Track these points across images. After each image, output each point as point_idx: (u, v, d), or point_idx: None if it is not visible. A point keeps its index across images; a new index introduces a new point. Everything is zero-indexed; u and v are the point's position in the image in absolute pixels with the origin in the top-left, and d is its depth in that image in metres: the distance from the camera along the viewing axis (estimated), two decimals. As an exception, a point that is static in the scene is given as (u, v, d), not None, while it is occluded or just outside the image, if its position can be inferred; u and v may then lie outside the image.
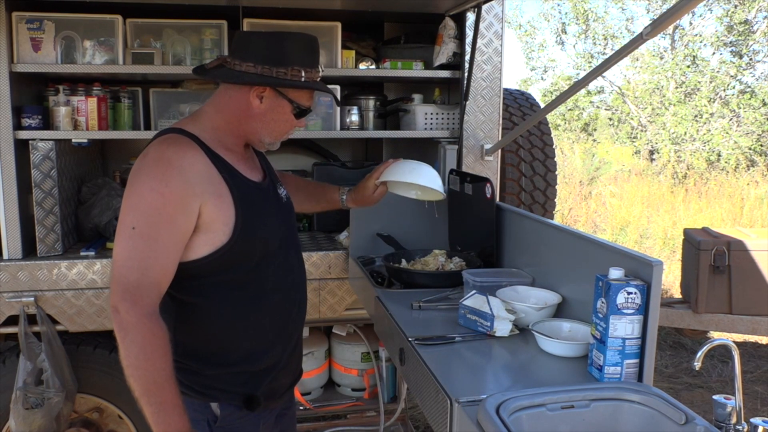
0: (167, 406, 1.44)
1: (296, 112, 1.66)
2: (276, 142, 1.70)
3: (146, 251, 1.45)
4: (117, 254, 1.46)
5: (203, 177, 1.53)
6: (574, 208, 9.17)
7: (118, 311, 1.43)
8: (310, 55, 1.64)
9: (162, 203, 1.46)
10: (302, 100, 1.66)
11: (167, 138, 1.58)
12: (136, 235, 1.45)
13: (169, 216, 1.47)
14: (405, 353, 1.69)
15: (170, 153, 1.52)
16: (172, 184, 1.48)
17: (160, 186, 1.47)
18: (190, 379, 1.62)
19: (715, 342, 1.39)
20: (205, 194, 1.52)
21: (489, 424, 1.17)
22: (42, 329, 2.47)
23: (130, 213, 1.47)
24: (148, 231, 1.46)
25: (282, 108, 1.64)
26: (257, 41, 1.63)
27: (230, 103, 1.63)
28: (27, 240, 2.55)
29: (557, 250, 1.89)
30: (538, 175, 3.41)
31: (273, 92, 1.62)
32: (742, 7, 12.07)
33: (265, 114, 1.63)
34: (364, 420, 3.29)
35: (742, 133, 11.78)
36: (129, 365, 1.43)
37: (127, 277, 1.44)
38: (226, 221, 1.55)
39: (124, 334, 1.42)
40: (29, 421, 2.44)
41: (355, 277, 2.51)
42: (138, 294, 1.43)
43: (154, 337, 1.43)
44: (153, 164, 1.51)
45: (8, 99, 2.46)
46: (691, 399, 4.17)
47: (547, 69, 14.94)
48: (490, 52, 2.84)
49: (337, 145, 3.58)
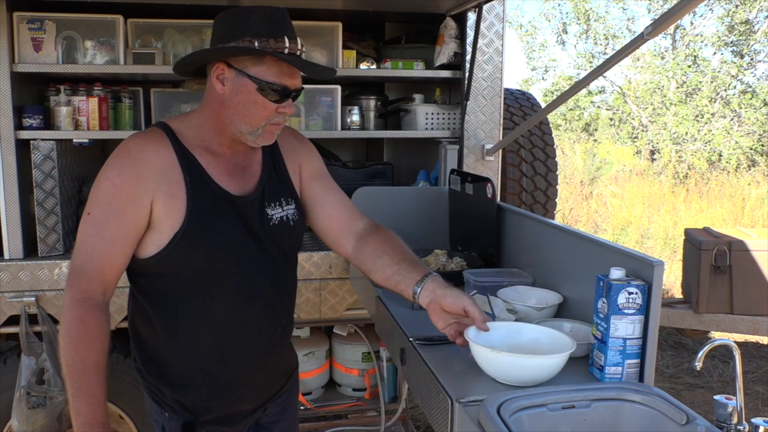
0: (84, 393, 1.42)
1: (266, 92, 1.47)
2: (255, 131, 1.51)
3: (94, 237, 1.46)
4: (78, 235, 1.49)
5: (159, 173, 1.47)
6: (575, 208, 9.17)
7: (65, 297, 1.45)
8: (270, 25, 1.46)
9: (113, 193, 1.45)
10: (266, 74, 1.46)
11: (143, 131, 1.57)
12: (89, 221, 1.47)
13: (119, 206, 1.45)
14: (406, 353, 1.69)
15: (132, 145, 1.50)
16: (124, 175, 1.46)
17: (113, 175, 1.47)
18: (146, 383, 1.63)
19: (716, 342, 1.38)
20: (158, 191, 1.46)
21: (490, 424, 1.17)
22: (43, 329, 2.48)
23: (90, 199, 1.49)
24: (99, 218, 1.46)
25: (245, 87, 1.47)
26: (218, 21, 1.52)
27: (208, 95, 1.54)
28: (28, 240, 2.55)
29: (558, 250, 1.89)
30: (539, 175, 3.41)
31: (232, 71, 1.48)
32: (743, 6, 12.06)
33: (231, 98, 1.49)
34: (365, 420, 3.29)
35: (743, 133, 11.78)
36: (60, 346, 1.45)
37: (75, 261, 1.46)
38: (173, 225, 1.47)
39: (62, 314, 1.45)
40: (32, 420, 2.45)
41: (356, 277, 2.51)
42: (78, 278, 1.45)
43: (82, 324, 1.42)
44: (116, 155, 1.49)
45: (9, 99, 2.46)
46: (692, 399, 4.17)
47: (548, 69, 14.95)
48: (491, 52, 2.84)
49: (338, 145, 3.58)
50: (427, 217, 2.67)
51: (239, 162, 1.60)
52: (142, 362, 1.62)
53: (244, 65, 1.47)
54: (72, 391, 1.43)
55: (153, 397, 1.62)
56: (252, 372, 1.65)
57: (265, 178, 1.63)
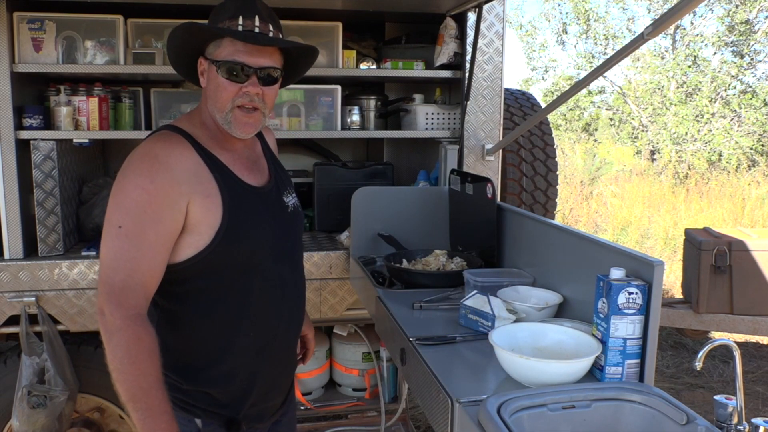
0: (154, 412, 1.37)
1: (223, 72, 1.47)
2: (226, 116, 1.50)
3: (132, 251, 1.38)
4: (103, 255, 1.40)
5: (191, 175, 1.45)
6: (575, 208, 9.17)
7: (104, 314, 1.36)
8: (233, 10, 1.48)
9: (147, 201, 1.39)
10: (222, 54, 1.48)
11: (158, 134, 1.52)
12: (123, 235, 1.38)
13: (155, 214, 1.40)
14: (406, 353, 1.69)
15: (158, 149, 1.45)
16: (158, 181, 1.40)
17: (145, 183, 1.40)
18: (174, 394, 1.52)
19: (716, 342, 1.38)
20: (193, 193, 1.44)
21: (490, 424, 1.17)
22: (43, 329, 2.48)
23: (117, 211, 1.40)
24: (134, 230, 1.39)
25: (212, 72, 1.50)
26: None
27: (203, 93, 1.56)
28: (28, 240, 2.55)
29: (558, 250, 1.89)
30: (539, 175, 3.41)
31: (206, 62, 1.52)
32: (743, 7, 12.06)
33: (207, 89, 1.52)
34: (365, 420, 3.29)
35: (743, 133, 11.78)
36: (114, 369, 1.36)
37: (113, 279, 1.37)
38: (212, 223, 1.47)
39: (110, 336, 1.35)
40: (33, 420, 2.45)
41: (356, 277, 2.51)
42: (123, 296, 1.36)
43: (139, 341, 1.36)
44: (140, 161, 1.44)
45: (9, 99, 2.46)
46: (692, 399, 4.17)
47: (548, 69, 14.95)
48: (491, 52, 2.84)
49: (338, 145, 3.58)
50: (427, 217, 2.67)
51: (249, 155, 1.63)
52: (171, 371, 1.52)
53: (209, 52, 1.50)
54: (140, 414, 1.36)
55: (182, 406, 1.55)
56: (284, 363, 1.70)
57: (273, 169, 1.68)
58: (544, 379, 1.36)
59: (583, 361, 1.36)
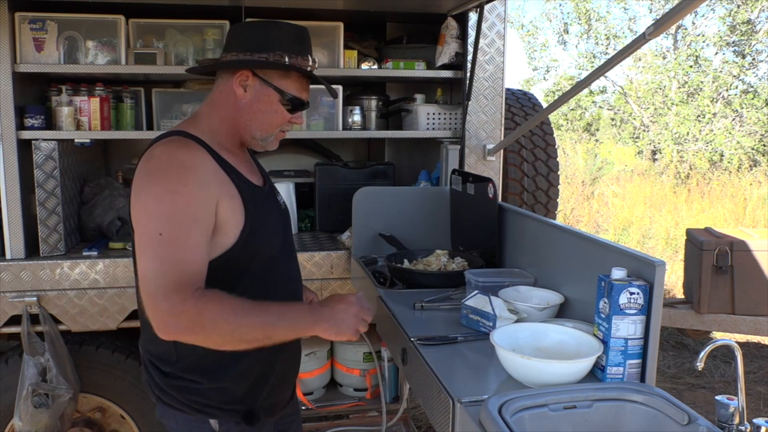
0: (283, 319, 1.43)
1: (286, 103, 1.59)
2: (268, 137, 1.62)
3: (179, 253, 1.38)
4: (147, 265, 1.36)
5: (215, 178, 1.49)
6: (577, 208, 9.16)
7: (175, 319, 1.32)
8: (297, 43, 1.59)
9: (185, 203, 1.41)
10: (290, 88, 1.59)
11: (172, 140, 1.53)
12: (165, 241, 1.37)
13: (194, 215, 1.42)
14: (407, 353, 1.69)
15: (180, 154, 1.47)
16: (190, 184, 1.43)
17: (178, 187, 1.41)
18: (188, 397, 1.58)
19: (718, 342, 1.38)
20: (221, 194, 1.48)
21: (491, 424, 1.17)
22: (45, 329, 2.48)
23: (153, 220, 1.39)
24: (177, 234, 1.38)
25: (268, 97, 1.58)
26: (243, 30, 1.61)
27: (221, 98, 1.60)
28: (30, 240, 2.55)
29: (559, 251, 1.89)
30: (540, 175, 3.41)
31: (256, 80, 1.57)
32: (744, 6, 12.05)
33: (251, 105, 1.58)
34: (366, 420, 3.29)
35: (744, 133, 11.76)
36: (234, 339, 1.38)
37: (164, 283, 1.34)
38: (237, 223, 1.51)
39: (200, 327, 1.34)
40: (36, 419, 2.45)
41: (358, 277, 2.51)
42: (181, 289, 1.34)
43: (219, 303, 1.36)
44: (165, 167, 1.45)
45: (11, 99, 2.47)
46: (693, 399, 4.16)
47: (549, 69, 14.95)
48: (492, 52, 2.83)
49: (339, 145, 3.58)
50: (428, 217, 2.67)
51: (247, 159, 1.70)
52: (189, 372, 1.57)
53: (270, 76, 1.57)
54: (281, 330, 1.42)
55: (197, 408, 1.58)
56: (294, 356, 1.77)
57: (261, 171, 1.77)
58: (546, 380, 1.36)
59: (585, 361, 1.36)
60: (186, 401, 1.58)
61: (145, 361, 1.65)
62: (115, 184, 2.92)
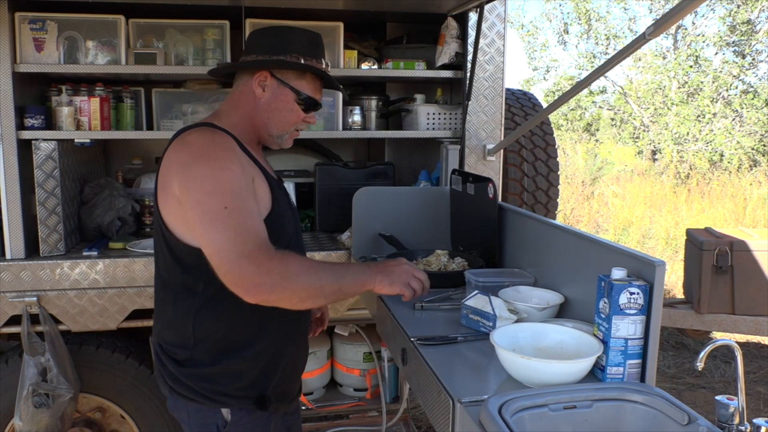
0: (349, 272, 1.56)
1: (301, 102, 1.70)
2: (284, 135, 1.73)
3: (249, 221, 1.47)
4: (221, 238, 1.44)
5: (247, 162, 1.60)
6: (577, 208, 9.17)
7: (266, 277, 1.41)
8: (311, 47, 1.70)
9: (236, 177, 1.51)
10: (305, 89, 1.70)
11: (202, 129, 1.62)
12: (232, 213, 1.46)
13: (247, 187, 1.54)
14: (407, 353, 1.69)
15: (217, 138, 1.58)
16: (234, 162, 1.54)
17: (226, 164, 1.52)
18: (201, 384, 1.63)
19: (718, 342, 1.38)
20: (255, 177, 1.60)
21: (491, 424, 1.17)
22: (45, 329, 2.48)
23: (213, 197, 1.47)
24: (240, 205, 1.48)
25: (285, 96, 1.68)
26: (261, 34, 1.71)
27: (240, 97, 1.70)
28: (30, 240, 2.55)
29: (559, 251, 1.89)
30: (540, 175, 3.41)
31: (274, 80, 1.67)
32: (744, 7, 12.05)
33: (269, 103, 1.68)
34: (366, 420, 3.29)
35: (744, 134, 11.76)
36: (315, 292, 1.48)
37: (248, 249, 1.43)
38: (266, 206, 1.61)
39: (288, 282, 1.43)
40: (37, 419, 2.45)
41: (358, 277, 2.51)
42: (265, 250, 1.44)
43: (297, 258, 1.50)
44: (208, 148, 1.55)
45: (11, 99, 2.46)
46: (693, 399, 4.16)
47: (549, 69, 14.95)
48: (492, 52, 2.83)
49: (339, 145, 3.58)
50: (428, 217, 2.67)
51: (263, 156, 1.80)
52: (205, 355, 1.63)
53: (286, 77, 1.68)
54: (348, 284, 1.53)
55: (210, 397, 1.64)
56: (303, 347, 1.87)
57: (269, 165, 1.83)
58: (546, 380, 1.35)
59: (585, 361, 1.36)
60: (199, 389, 1.62)
61: (159, 352, 1.70)
62: (115, 184, 2.92)
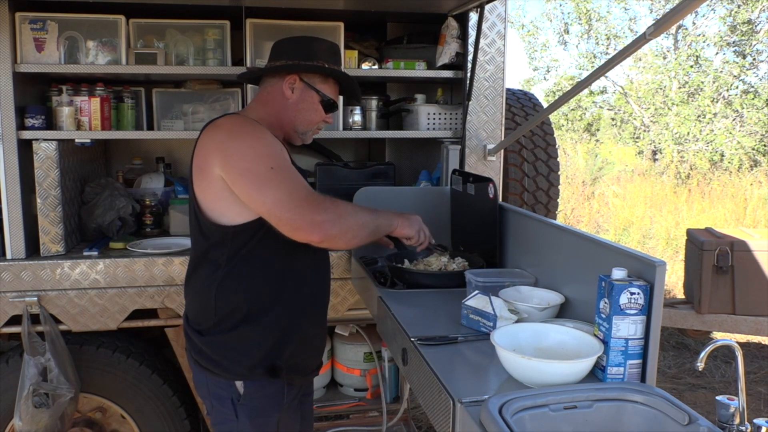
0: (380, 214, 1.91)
1: (324, 103, 1.91)
2: (308, 131, 1.95)
3: (295, 176, 1.72)
4: (276, 194, 1.66)
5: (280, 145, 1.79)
6: (577, 208, 9.17)
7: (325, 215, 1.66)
8: (333, 55, 1.93)
9: (272, 144, 1.74)
10: (328, 91, 1.92)
11: (233, 115, 1.87)
12: (279, 171, 1.69)
13: (282, 152, 1.77)
14: (408, 353, 1.69)
15: (248, 120, 1.80)
16: (267, 134, 1.76)
17: (261, 134, 1.74)
18: (220, 352, 1.78)
19: (718, 342, 1.38)
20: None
21: (492, 424, 1.17)
22: (45, 329, 2.48)
23: (258, 162, 1.68)
24: (282, 163, 1.72)
25: (311, 98, 1.90)
26: (288, 43, 1.92)
27: (269, 97, 1.89)
28: (30, 240, 2.55)
29: (560, 251, 1.89)
30: (540, 176, 3.41)
31: (302, 84, 1.88)
32: (745, 7, 12.05)
33: (297, 104, 1.89)
34: (367, 420, 3.29)
35: (745, 134, 11.76)
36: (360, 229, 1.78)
37: (304, 196, 1.67)
38: None
39: (343, 219, 1.72)
40: (37, 419, 2.45)
41: (358, 277, 2.51)
42: (315, 195, 1.70)
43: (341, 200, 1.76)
44: (243, 126, 1.76)
45: (11, 99, 2.47)
46: (694, 400, 4.16)
47: (549, 69, 14.95)
48: (492, 52, 2.83)
49: (339, 145, 3.58)
50: (428, 217, 2.65)
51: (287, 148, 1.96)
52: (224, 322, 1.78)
53: (313, 81, 1.90)
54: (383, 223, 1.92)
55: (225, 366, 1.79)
56: (320, 324, 2.01)
57: None
58: (546, 380, 1.35)
59: (585, 361, 1.36)
60: (217, 358, 1.79)
61: (187, 328, 1.88)
62: (116, 184, 2.92)
